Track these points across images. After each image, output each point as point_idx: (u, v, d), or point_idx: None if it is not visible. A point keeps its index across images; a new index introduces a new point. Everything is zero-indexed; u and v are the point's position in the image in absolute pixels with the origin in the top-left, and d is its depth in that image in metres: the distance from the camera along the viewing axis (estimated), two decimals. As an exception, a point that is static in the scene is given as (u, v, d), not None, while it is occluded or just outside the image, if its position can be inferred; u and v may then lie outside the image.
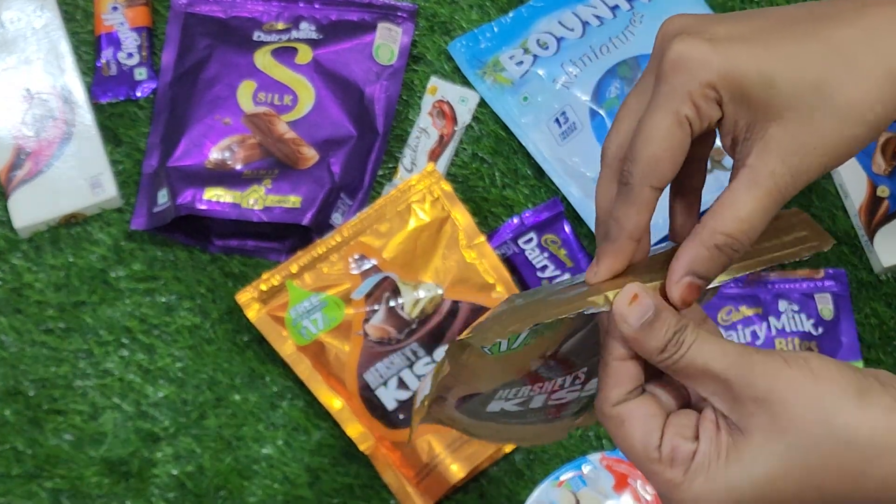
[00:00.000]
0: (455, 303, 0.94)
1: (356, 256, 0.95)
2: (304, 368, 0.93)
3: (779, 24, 0.50)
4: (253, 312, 0.94)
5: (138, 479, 0.94)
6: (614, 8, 1.03)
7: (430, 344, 0.93)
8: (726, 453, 0.50)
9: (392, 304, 0.94)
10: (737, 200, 0.50)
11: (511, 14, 1.04)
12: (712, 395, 0.50)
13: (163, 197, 0.97)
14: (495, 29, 1.04)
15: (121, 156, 1.01)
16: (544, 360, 0.65)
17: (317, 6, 1.03)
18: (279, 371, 0.96)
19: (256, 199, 0.95)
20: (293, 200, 0.96)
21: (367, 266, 0.95)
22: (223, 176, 0.97)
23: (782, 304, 0.97)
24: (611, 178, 0.53)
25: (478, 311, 0.94)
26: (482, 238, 0.96)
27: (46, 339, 0.97)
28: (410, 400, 0.93)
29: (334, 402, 0.93)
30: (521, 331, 0.53)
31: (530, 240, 0.98)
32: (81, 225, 1.00)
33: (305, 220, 0.95)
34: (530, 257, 0.98)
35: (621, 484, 0.92)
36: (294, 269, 0.94)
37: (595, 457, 0.93)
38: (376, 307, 0.94)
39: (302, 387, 0.95)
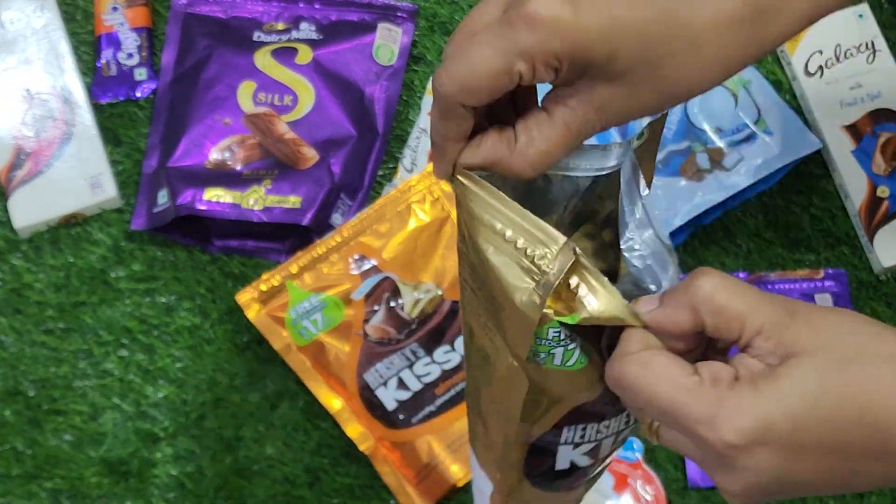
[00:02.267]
0: (455, 303, 0.94)
1: (356, 257, 0.95)
2: (303, 369, 0.93)
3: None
4: (253, 313, 0.94)
5: (138, 480, 0.94)
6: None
7: (429, 344, 0.93)
8: (773, 373, 0.48)
9: (392, 304, 0.94)
10: (547, 136, 0.51)
11: (511, 14, 1.04)
12: (750, 327, 0.49)
13: (163, 197, 0.97)
14: (495, 29, 1.04)
15: (121, 156, 1.01)
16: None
17: (317, 6, 1.03)
18: (279, 371, 0.96)
19: (256, 200, 0.95)
20: (293, 201, 0.96)
21: (366, 266, 0.95)
22: (223, 176, 0.97)
23: (782, 305, 0.97)
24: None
25: None
26: None
27: (46, 340, 0.97)
28: (410, 400, 0.93)
29: (334, 403, 0.93)
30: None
31: (530, 240, 0.98)
32: (81, 225, 1.00)
33: (305, 221, 0.95)
34: (530, 257, 0.98)
35: (621, 484, 0.92)
36: (294, 269, 0.94)
37: (595, 457, 0.93)
38: (376, 307, 0.94)
39: (302, 387, 0.95)
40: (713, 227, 1.00)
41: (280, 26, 1.02)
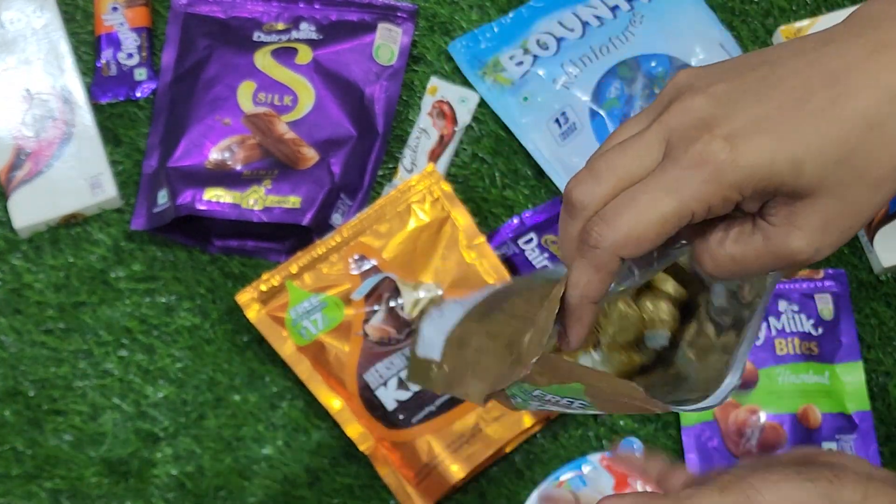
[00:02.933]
0: None
1: (356, 257, 0.95)
2: (303, 369, 0.93)
3: (799, 104, 0.49)
4: (253, 313, 0.94)
5: (138, 480, 0.94)
6: (614, 8, 1.03)
7: None
8: None
9: (392, 304, 0.94)
10: (743, 241, 0.50)
11: (511, 14, 1.04)
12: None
13: (162, 197, 0.97)
14: (495, 29, 1.04)
15: (120, 156, 1.01)
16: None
17: (317, 6, 1.03)
18: (279, 371, 0.96)
19: (256, 200, 0.95)
20: (293, 201, 0.96)
21: (366, 266, 0.95)
22: (223, 176, 0.97)
23: (782, 305, 0.97)
24: (580, 228, 0.51)
25: None
26: (482, 238, 0.96)
27: (46, 340, 0.97)
28: (410, 400, 0.93)
29: (334, 403, 0.93)
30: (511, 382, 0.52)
31: (530, 240, 0.98)
32: (81, 225, 1.00)
33: (305, 221, 0.95)
34: (530, 257, 0.98)
35: (621, 484, 0.92)
36: (294, 269, 0.94)
37: (595, 457, 0.93)
38: (376, 308, 0.94)
39: (302, 387, 0.95)
40: (713, 227, 1.00)
41: (280, 26, 1.02)
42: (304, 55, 1.01)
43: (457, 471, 0.92)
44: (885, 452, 0.94)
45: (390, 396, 0.93)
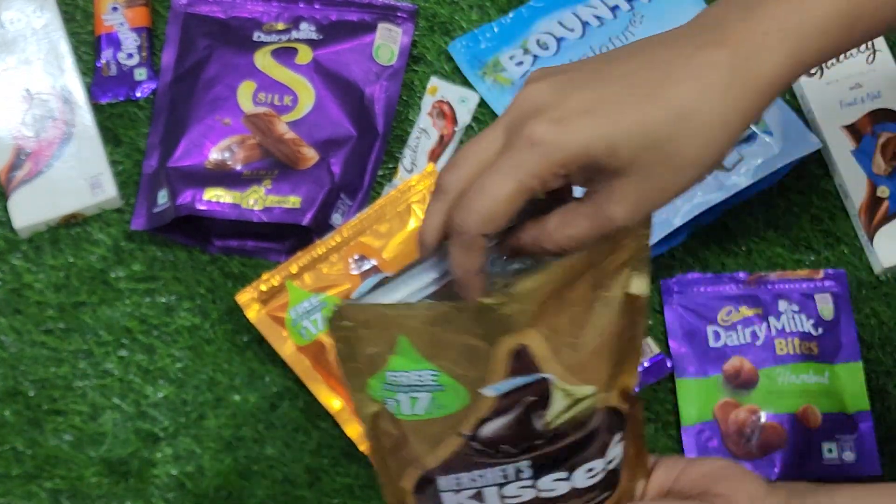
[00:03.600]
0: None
1: (356, 257, 0.95)
2: (303, 369, 0.93)
3: (623, 89, 0.56)
4: (253, 313, 0.94)
5: (138, 480, 0.94)
6: (614, 8, 1.03)
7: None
8: None
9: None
10: (578, 223, 0.58)
11: (511, 14, 1.04)
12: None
13: (162, 197, 0.97)
14: (495, 29, 1.04)
15: (120, 156, 1.01)
16: (464, 439, 0.62)
17: (317, 6, 1.03)
18: (279, 371, 0.96)
19: (256, 200, 0.95)
20: (293, 201, 0.96)
21: (366, 266, 0.95)
22: (223, 176, 0.97)
23: (782, 305, 0.97)
24: (442, 209, 0.58)
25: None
26: None
27: (46, 340, 0.97)
28: None
29: (334, 403, 0.93)
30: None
31: (530, 240, 0.98)
32: (81, 225, 1.00)
33: (305, 221, 0.95)
34: (530, 257, 0.98)
35: (621, 484, 0.92)
36: (294, 269, 0.94)
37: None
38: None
39: (302, 387, 0.95)
40: (713, 226, 1.00)
41: (280, 26, 1.02)
42: (304, 55, 1.01)
43: None
44: (885, 452, 0.94)
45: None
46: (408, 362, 0.60)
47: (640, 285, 0.63)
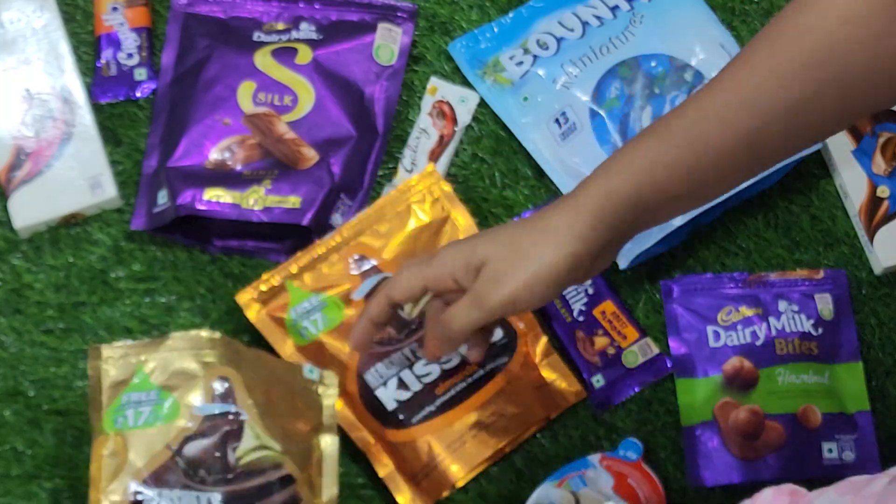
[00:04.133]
0: None
1: (356, 257, 0.95)
2: None
3: (494, 230, 0.79)
4: (253, 313, 0.94)
5: (138, 480, 0.94)
6: (614, 8, 1.03)
7: None
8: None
9: None
10: (457, 304, 0.78)
11: (511, 14, 1.04)
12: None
13: (162, 197, 0.97)
14: (495, 29, 1.04)
15: (120, 156, 1.02)
16: (171, 452, 0.81)
17: (317, 6, 1.03)
18: (279, 371, 0.96)
19: (256, 200, 0.95)
20: (293, 201, 0.96)
21: (366, 266, 0.95)
22: (223, 176, 0.97)
23: (782, 305, 0.97)
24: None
25: None
26: None
27: (46, 340, 0.97)
28: (410, 400, 0.93)
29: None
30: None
31: (530, 240, 0.98)
32: (81, 225, 1.00)
33: (305, 221, 0.95)
34: (530, 257, 0.98)
35: (621, 484, 0.92)
36: (294, 269, 0.94)
37: (595, 457, 0.93)
38: None
39: (302, 387, 0.96)
40: (713, 226, 1.00)
41: (280, 26, 1.03)
42: (304, 55, 1.01)
43: (457, 471, 0.92)
44: (885, 452, 0.94)
45: (390, 396, 0.93)
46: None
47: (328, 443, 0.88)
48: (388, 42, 1.03)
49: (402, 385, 0.93)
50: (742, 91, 0.72)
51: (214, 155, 0.98)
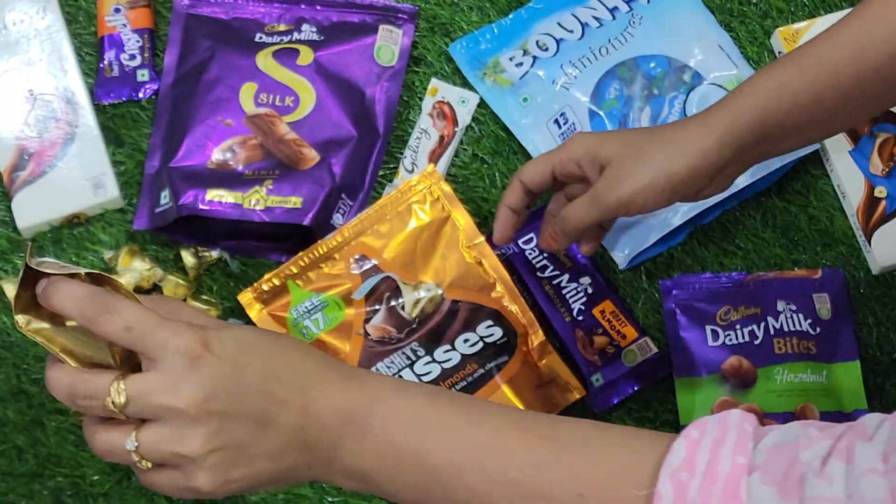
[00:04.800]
0: (455, 302, 0.94)
1: (357, 257, 0.95)
2: None
3: (624, 132, 0.86)
4: (254, 312, 0.94)
5: (140, 478, 0.95)
6: (613, 10, 1.03)
7: (430, 343, 0.94)
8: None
9: (392, 303, 0.94)
10: (576, 200, 0.84)
11: (511, 16, 1.05)
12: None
13: (165, 197, 0.97)
14: (495, 30, 1.04)
15: (123, 156, 1.02)
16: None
17: (318, 8, 1.04)
18: (280, 370, 0.97)
19: (258, 200, 0.96)
20: (294, 201, 0.96)
21: (367, 266, 0.95)
22: (225, 177, 0.97)
23: (780, 304, 0.97)
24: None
25: (477, 310, 0.95)
26: (482, 238, 0.96)
27: (49, 339, 0.98)
28: None
29: None
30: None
31: (530, 240, 0.99)
32: (84, 225, 1.00)
33: (306, 221, 0.95)
34: (530, 257, 0.99)
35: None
36: (295, 269, 0.95)
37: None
38: (377, 307, 0.94)
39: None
40: (712, 226, 1.01)
41: (282, 27, 1.03)
42: (306, 56, 1.02)
43: None
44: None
45: None
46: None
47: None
48: (389, 43, 1.03)
49: None
50: (876, 29, 0.76)
51: (216, 155, 0.99)
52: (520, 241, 0.99)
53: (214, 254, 0.98)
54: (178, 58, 1.03)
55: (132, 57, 1.03)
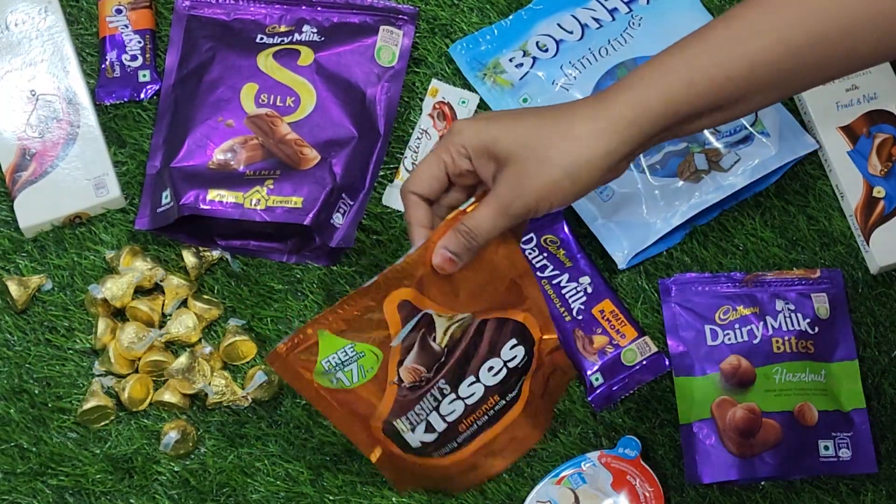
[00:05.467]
0: (483, 322, 0.87)
1: (395, 301, 0.82)
2: (327, 408, 0.86)
3: (517, 112, 0.78)
4: (280, 365, 0.83)
5: (142, 477, 0.95)
6: (613, 11, 1.04)
7: (455, 377, 0.86)
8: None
9: (426, 338, 0.85)
10: (480, 211, 0.78)
11: (511, 17, 1.05)
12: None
13: (166, 197, 0.97)
14: (495, 31, 1.05)
15: (124, 157, 1.02)
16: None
17: (319, 9, 1.04)
18: (281, 370, 0.97)
19: (259, 200, 0.96)
20: (295, 201, 0.96)
21: (407, 310, 0.83)
22: (226, 177, 0.98)
23: (779, 304, 0.97)
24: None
25: (502, 325, 0.87)
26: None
27: (51, 339, 0.98)
28: (435, 441, 0.88)
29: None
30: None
31: (530, 240, 0.99)
32: (85, 225, 1.01)
33: (307, 221, 0.96)
34: (530, 257, 0.99)
35: (620, 481, 0.93)
36: (329, 319, 0.82)
37: (594, 455, 0.93)
38: (411, 345, 0.84)
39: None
40: (710, 227, 1.01)
41: (282, 28, 1.03)
42: (306, 57, 1.02)
43: (459, 486, 0.93)
44: (882, 450, 0.95)
45: (416, 439, 0.88)
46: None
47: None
48: (390, 44, 1.03)
49: (429, 428, 0.88)
50: (800, 10, 0.72)
51: (218, 155, 0.99)
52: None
53: (215, 254, 0.99)
54: (179, 58, 1.03)
55: (133, 58, 1.04)
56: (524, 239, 0.99)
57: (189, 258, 0.97)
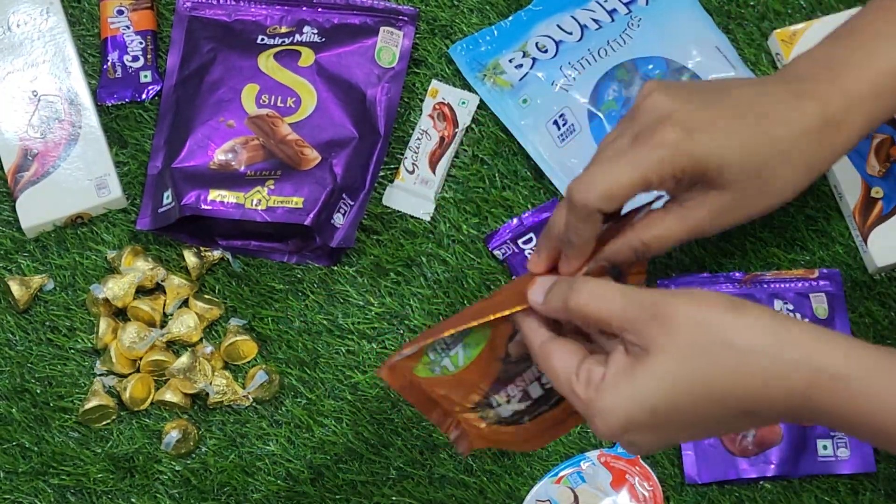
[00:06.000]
0: None
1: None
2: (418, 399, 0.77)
3: (736, 116, 0.67)
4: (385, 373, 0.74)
5: (143, 476, 0.95)
6: (612, 12, 1.04)
7: None
8: (632, 370, 0.61)
9: None
10: (666, 225, 0.68)
11: (511, 18, 1.05)
12: (616, 327, 0.63)
13: (167, 198, 0.98)
14: (495, 32, 1.05)
15: (126, 157, 1.03)
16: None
17: (319, 10, 1.04)
18: (282, 370, 0.97)
19: (259, 200, 0.96)
20: (296, 201, 0.97)
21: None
22: (227, 177, 0.98)
23: (777, 304, 0.98)
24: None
25: None
26: None
27: (53, 338, 0.98)
28: (527, 408, 0.78)
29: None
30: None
31: (529, 240, 0.99)
32: (87, 225, 1.01)
33: (307, 221, 0.96)
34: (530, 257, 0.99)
35: (619, 480, 0.93)
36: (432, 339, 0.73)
37: (593, 454, 0.94)
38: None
39: (304, 384, 0.96)
40: (710, 227, 1.01)
41: (283, 29, 1.04)
42: (307, 58, 1.02)
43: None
44: (880, 450, 0.95)
45: (510, 409, 0.77)
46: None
47: None
48: (390, 45, 1.04)
49: (525, 396, 0.77)
50: None
51: (219, 156, 0.99)
52: (519, 242, 0.99)
53: (216, 254, 0.99)
54: (180, 59, 1.03)
55: (135, 58, 1.04)
56: (524, 239, 0.99)
57: (190, 258, 0.97)
